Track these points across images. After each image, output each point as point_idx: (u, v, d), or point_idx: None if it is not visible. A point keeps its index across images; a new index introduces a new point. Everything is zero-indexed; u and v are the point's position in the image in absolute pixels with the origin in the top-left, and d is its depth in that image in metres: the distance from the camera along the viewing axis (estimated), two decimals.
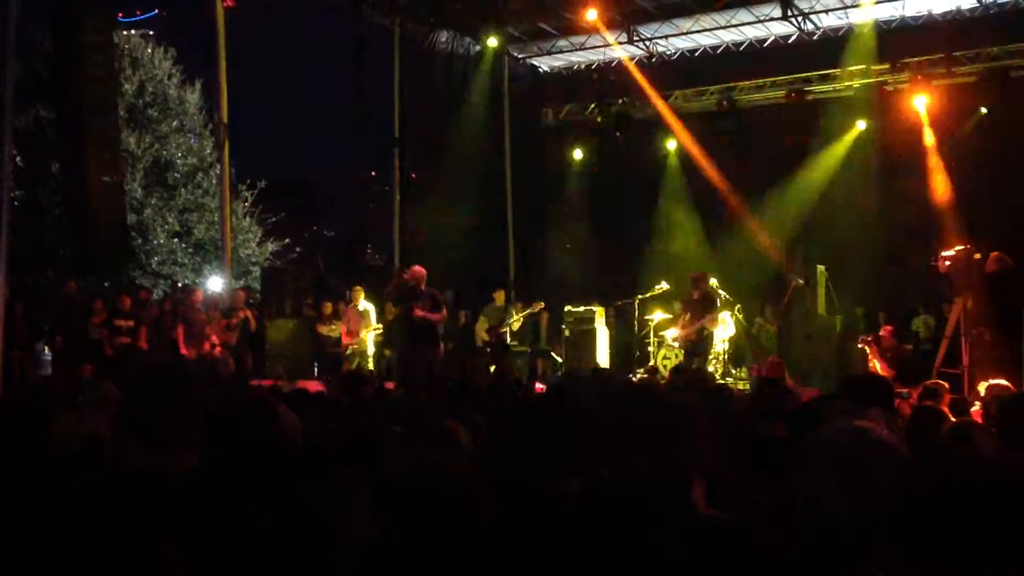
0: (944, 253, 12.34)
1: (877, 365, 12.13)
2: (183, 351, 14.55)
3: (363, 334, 14.49)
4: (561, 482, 3.13)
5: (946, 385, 7.78)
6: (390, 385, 10.62)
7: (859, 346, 12.75)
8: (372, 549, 2.47)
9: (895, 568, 2.05)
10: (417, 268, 13.65)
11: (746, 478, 3.93)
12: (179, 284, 24.80)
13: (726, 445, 4.15)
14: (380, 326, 14.83)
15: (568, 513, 2.83)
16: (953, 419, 5.19)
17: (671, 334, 14.36)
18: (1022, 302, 11.55)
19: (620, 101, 19.66)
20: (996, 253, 11.84)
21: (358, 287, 14.87)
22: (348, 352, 14.50)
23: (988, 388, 7.46)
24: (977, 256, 12.03)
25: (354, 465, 3.07)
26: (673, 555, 2.52)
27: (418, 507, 2.40)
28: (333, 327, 15.11)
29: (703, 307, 13.81)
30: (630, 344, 16.81)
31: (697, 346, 13.87)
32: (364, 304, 14.68)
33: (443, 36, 19.55)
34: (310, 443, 3.56)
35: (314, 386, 9.45)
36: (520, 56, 20.84)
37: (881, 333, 12.74)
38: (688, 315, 13.98)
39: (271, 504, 2.68)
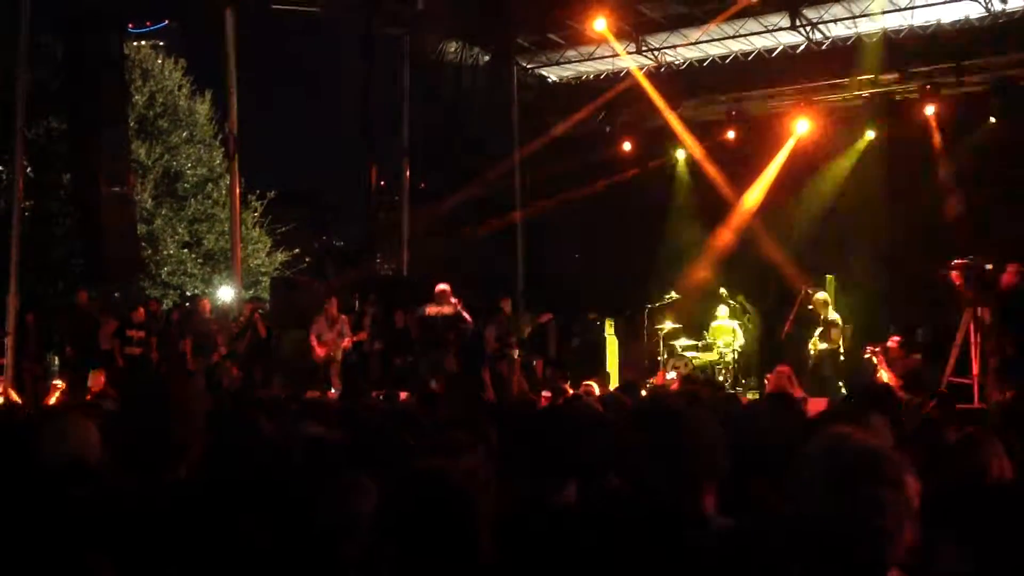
0: (955, 263, 12.31)
1: (884, 375, 12.09)
2: (191, 363, 14.60)
3: (341, 343, 14.56)
4: (557, 491, 3.13)
5: (950, 393, 7.78)
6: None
7: (866, 356, 12.71)
8: (376, 551, 2.48)
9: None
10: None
11: (760, 488, 3.92)
12: (188, 294, 24.89)
13: (735, 455, 4.15)
14: (361, 336, 14.95)
15: (565, 522, 2.84)
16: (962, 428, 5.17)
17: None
18: None
19: (629, 111, 19.74)
20: (1014, 265, 11.77)
21: (332, 298, 14.89)
22: (323, 361, 14.50)
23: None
24: (989, 267, 11.98)
25: (363, 471, 3.08)
26: (685, 563, 2.53)
27: (416, 513, 2.41)
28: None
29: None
30: (639, 354, 16.83)
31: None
32: (337, 315, 14.72)
33: (452, 46, 19.59)
34: (320, 449, 3.58)
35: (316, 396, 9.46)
36: (528, 66, 20.86)
37: (889, 344, 12.68)
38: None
39: (272, 510, 2.70)
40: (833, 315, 14.00)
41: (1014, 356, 11.34)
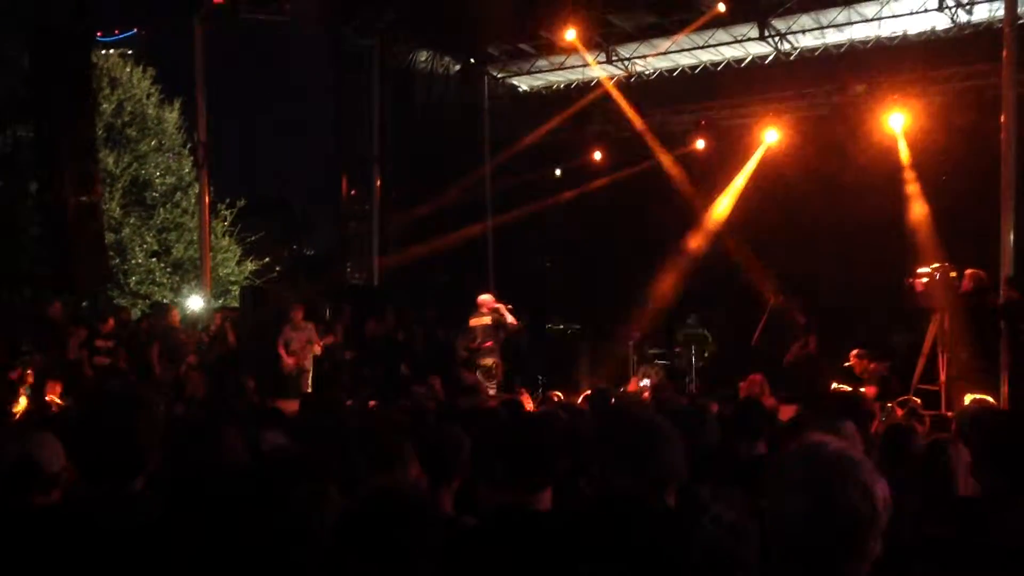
0: (920, 270, 12.44)
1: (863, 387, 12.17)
2: (157, 371, 14.48)
3: (311, 350, 14.53)
4: (533, 498, 3.14)
5: (919, 401, 7.85)
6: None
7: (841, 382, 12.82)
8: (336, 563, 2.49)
9: None
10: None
11: (723, 496, 3.94)
12: (159, 302, 24.70)
13: (704, 463, 4.18)
14: (329, 340, 14.91)
15: (543, 529, 2.84)
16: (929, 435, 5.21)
17: None
18: (997, 319, 11.67)
19: (599, 121, 19.83)
20: (971, 271, 11.95)
21: (298, 304, 14.87)
22: (293, 370, 14.47)
23: (970, 403, 7.47)
24: (953, 274, 12.13)
25: (325, 481, 3.07)
26: (649, 566, 2.53)
27: (370, 532, 2.42)
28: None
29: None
30: (610, 362, 16.85)
31: None
32: (304, 323, 14.69)
33: (422, 56, 19.60)
34: (281, 459, 3.56)
35: (290, 405, 9.40)
36: (499, 76, 20.91)
37: (851, 362, 12.77)
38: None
39: (235, 520, 2.69)
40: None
41: (969, 361, 11.50)
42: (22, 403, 12.48)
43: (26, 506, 3.05)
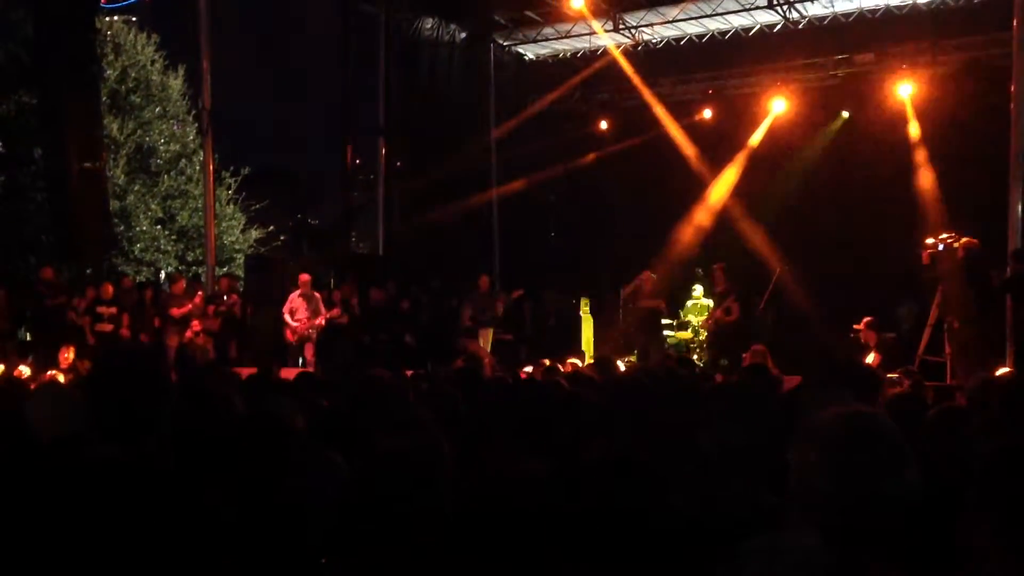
0: (928, 242, 12.40)
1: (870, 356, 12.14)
2: (164, 339, 14.50)
3: (318, 320, 14.52)
4: (527, 465, 3.13)
5: (917, 372, 7.82)
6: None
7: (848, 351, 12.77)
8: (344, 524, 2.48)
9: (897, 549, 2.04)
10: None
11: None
12: (162, 272, 24.74)
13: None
14: (335, 311, 14.91)
15: (535, 495, 2.83)
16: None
17: None
18: (1002, 292, 11.64)
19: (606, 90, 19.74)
20: (965, 240, 11.90)
21: (304, 274, 14.83)
22: (297, 338, 14.46)
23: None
24: (956, 245, 12.09)
25: (333, 446, 3.07)
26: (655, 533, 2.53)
27: (381, 488, 2.41)
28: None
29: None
30: (615, 333, 16.84)
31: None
32: (312, 292, 14.67)
33: (428, 23, 19.47)
34: (290, 425, 3.55)
35: (294, 373, 9.39)
36: (505, 44, 20.79)
37: (858, 331, 12.71)
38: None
39: (240, 484, 2.69)
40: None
41: (961, 330, 11.50)
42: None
43: (57, 466, 3.06)
